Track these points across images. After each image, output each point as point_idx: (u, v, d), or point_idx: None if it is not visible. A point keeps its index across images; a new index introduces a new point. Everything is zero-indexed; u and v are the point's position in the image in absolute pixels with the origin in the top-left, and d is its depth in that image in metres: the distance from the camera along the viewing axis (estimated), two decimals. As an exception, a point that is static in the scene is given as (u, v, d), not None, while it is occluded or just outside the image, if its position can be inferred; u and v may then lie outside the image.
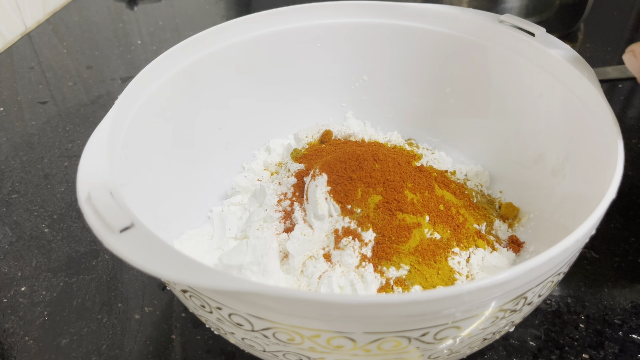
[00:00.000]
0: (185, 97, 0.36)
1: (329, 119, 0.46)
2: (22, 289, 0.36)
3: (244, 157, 0.43)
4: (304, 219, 0.31)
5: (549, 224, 0.34)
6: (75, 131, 0.51)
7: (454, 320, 0.21)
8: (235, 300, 0.20)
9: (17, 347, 0.33)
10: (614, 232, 0.39)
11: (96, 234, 0.21)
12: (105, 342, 0.33)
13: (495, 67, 0.38)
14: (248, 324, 0.21)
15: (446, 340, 0.22)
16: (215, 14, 0.73)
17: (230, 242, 0.34)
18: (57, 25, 0.70)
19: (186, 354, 0.32)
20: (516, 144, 0.39)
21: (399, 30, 0.41)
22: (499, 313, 0.22)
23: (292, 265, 0.30)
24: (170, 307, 0.35)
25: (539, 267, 0.21)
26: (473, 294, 0.20)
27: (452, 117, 0.43)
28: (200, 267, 0.19)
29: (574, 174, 0.32)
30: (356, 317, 0.19)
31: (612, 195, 0.24)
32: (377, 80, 0.44)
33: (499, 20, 0.37)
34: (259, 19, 0.39)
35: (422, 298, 0.19)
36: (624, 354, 0.32)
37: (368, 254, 0.29)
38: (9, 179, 0.46)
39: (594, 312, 0.34)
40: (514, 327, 0.26)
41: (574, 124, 0.32)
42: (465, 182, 0.40)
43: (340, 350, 0.21)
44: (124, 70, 0.61)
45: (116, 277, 0.37)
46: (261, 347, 0.23)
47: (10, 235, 0.40)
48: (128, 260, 0.19)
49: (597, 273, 0.36)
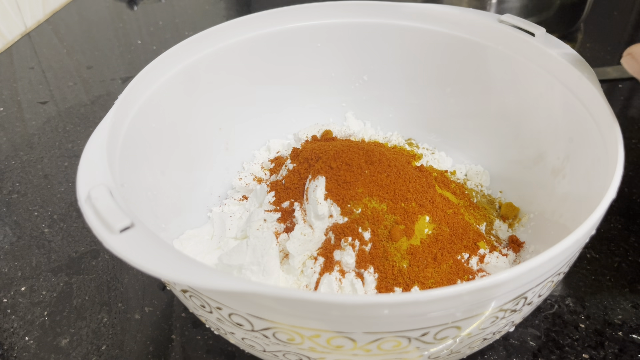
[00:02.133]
0: (185, 97, 0.36)
1: (329, 119, 0.46)
2: (22, 289, 0.36)
3: (244, 157, 0.43)
4: (304, 219, 0.31)
5: (549, 224, 0.34)
6: (75, 131, 0.51)
7: (454, 320, 0.21)
8: (235, 300, 0.20)
9: (17, 347, 0.33)
10: (614, 232, 0.39)
11: (96, 234, 0.21)
12: (105, 342, 0.33)
13: (495, 67, 0.38)
14: (248, 324, 0.21)
15: (446, 340, 0.22)
16: (215, 14, 0.73)
17: (230, 242, 0.34)
18: (57, 25, 0.70)
19: (186, 354, 0.32)
20: (516, 144, 0.39)
21: (399, 30, 0.41)
22: (499, 313, 0.22)
23: (292, 265, 0.30)
24: (171, 307, 0.35)
25: (539, 267, 0.21)
26: (473, 294, 0.20)
27: (452, 117, 0.43)
28: (200, 267, 0.19)
29: (574, 174, 0.32)
30: (356, 317, 0.19)
31: (612, 195, 0.24)
32: (377, 80, 0.44)
33: (499, 20, 0.37)
34: (259, 19, 0.39)
35: (422, 298, 0.19)
36: (624, 354, 0.32)
37: (368, 253, 0.29)
38: (9, 179, 0.46)
39: (594, 312, 0.34)
40: (514, 327, 0.26)
41: (574, 124, 0.32)
42: (465, 182, 0.40)
43: (341, 350, 0.21)
44: (124, 70, 0.61)
45: (116, 278, 0.37)
46: (261, 347, 0.23)
47: (10, 235, 0.40)
48: (128, 260, 0.19)
49: (597, 273, 0.36)
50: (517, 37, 0.36)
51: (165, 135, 0.35)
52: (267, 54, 0.41)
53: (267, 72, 0.42)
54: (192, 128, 0.38)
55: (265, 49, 0.40)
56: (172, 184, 0.35)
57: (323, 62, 0.43)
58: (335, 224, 0.30)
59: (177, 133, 0.36)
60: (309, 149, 0.35)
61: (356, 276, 0.29)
